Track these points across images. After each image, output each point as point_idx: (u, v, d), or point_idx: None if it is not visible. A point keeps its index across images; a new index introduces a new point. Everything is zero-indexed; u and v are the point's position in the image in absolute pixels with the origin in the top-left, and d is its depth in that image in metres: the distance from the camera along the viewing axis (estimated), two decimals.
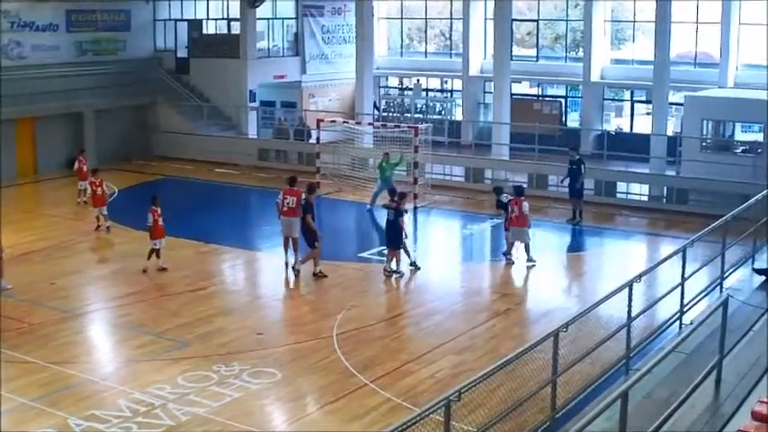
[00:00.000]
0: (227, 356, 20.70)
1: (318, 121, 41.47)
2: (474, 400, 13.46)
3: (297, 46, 53.23)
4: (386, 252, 27.82)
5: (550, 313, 22.97)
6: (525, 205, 28.11)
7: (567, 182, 34.78)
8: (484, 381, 13.28)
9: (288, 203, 27.46)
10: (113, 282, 27.56)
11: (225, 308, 24.87)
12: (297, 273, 26.98)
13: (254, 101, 50.50)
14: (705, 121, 39.04)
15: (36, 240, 31.06)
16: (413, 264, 27.74)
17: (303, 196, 27.27)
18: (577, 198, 34.34)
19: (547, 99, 50.87)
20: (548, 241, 33.26)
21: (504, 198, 29.33)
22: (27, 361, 20.56)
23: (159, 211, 28.28)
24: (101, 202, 33.00)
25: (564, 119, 49.66)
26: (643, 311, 18.54)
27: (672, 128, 43.39)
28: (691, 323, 16.41)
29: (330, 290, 26.40)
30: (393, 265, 27.21)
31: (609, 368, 17.25)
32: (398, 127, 40.98)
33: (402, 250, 27.52)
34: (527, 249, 28.26)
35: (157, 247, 28.05)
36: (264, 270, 29.43)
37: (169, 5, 53.41)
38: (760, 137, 38.03)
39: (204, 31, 53.69)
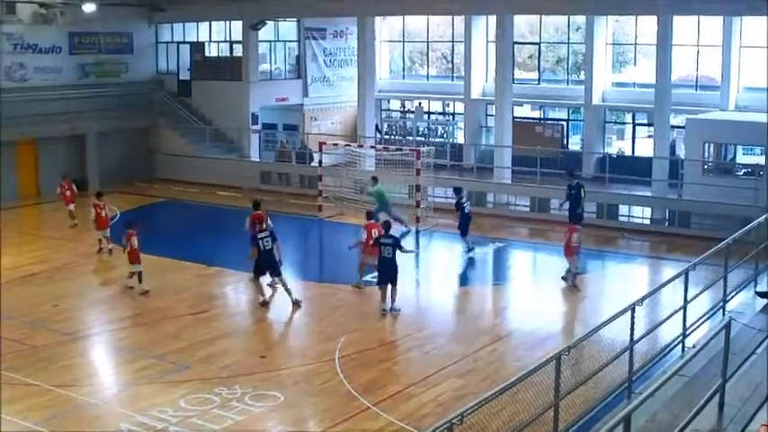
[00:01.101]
0: (228, 379, 20.68)
1: (321, 143, 41.50)
2: (477, 423, 13.41)
3: (299, 69, 53.33)
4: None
5: (552, 336, 22.96)
6: (574, 237, 28.34)
7: (566, 206, 34.74)
8: (486, 404, 13.26)
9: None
10: (115, 304, 27.54)
11: (226, 331, 24.85)
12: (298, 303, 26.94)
13: (257, 123, 50.57)
14: (706, 144, 39.05)
15: (37, 262, 31.06)
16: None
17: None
18: (577, 223, 34.05)
19: (548, 122, 50.90)
20: (550, 264, 33.26)
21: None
22: (28, 383, 20.54)
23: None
24: (103, 225, 33.00)
25: (566, 142, 49.68)
26: (645, 335, 18.49)
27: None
28: (693, 346, 16.42)
29: (332, 313, 26.39)
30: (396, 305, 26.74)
31: (611, 391, 17.21)
32: (400, 150, 41.12)
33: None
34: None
35: (138, 270, 28.09)
36: (267, 293, 29.41)
37: (171, 28, 53.59)
38: (761, 159, 38.07)
39: (206, 54, 53.86)
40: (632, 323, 16.91)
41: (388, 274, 26.24)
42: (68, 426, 18.21)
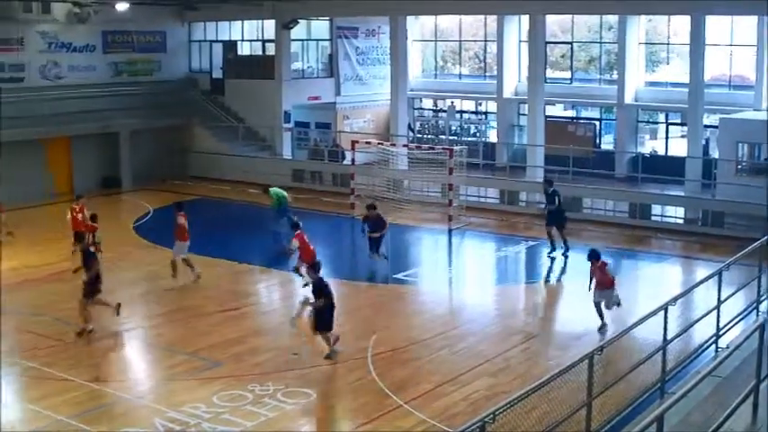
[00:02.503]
0: (261, 376, 20.74)
1: (353, 142, 41.51)
2: (509, 422, 13.39)
3: (331, 67, 53.43)
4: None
5: (585, 336, 22.90)
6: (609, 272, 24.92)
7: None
8: (518, 403, 13.25)
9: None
10: (146, 301, 27.68)
11: (259, 328, 24.93)
12: None
13: (289, 122, 50.69)
14: (740, 144, 38.83)
15: (68, 260, 31.13)
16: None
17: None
18: (561, 223, 33.02)
19: (581, 121, 50.74)
20: (582, 263, 33.15)
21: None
22: (62, 379, 20.67)
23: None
24: (79, 228, 31.69)
25: (598, 141, 49.52)
26: (678, 335, 18.45)
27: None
28: (727, 347, 16.33)
29: (364, 311, 26.44)
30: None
31: (644, 391, 17.18)
32: (433, 149, 41.09)
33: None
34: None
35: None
36: (299, 290, 29.45)
37: (204, 27, 53.78)
38: None
39: (239, 53, 54.08)
40: (665, 323, 16.88)
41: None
42: (101, 421, 18.32)
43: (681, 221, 37.85)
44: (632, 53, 46.70)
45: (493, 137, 52.39)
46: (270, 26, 51.32)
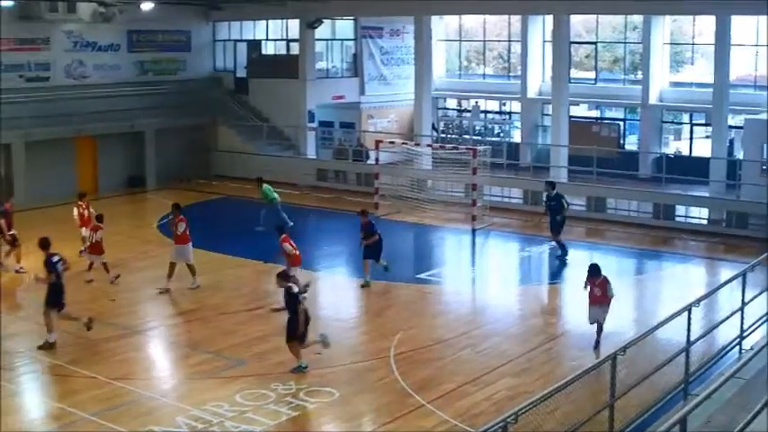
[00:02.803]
0: (284, 375, 20.78)
1: (377, 142, 41.56)
2: (531, 422, 13.41)
3: (355, 67, 53.49)
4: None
5: (607, 337, 22.81)
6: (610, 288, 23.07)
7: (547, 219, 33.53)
8: (541, 403, 13.27)
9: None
10: (171, 300, 27.76)
11: (282, 327, 24.91)
12: None
13: (313, 121, 50.77)
14: (765, 145, 38.65)
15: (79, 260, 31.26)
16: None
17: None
18: (557, 233, 32.81)
19: (605, 122, 50.65)
20: (605, 264, 33.11)
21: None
22: (87, 376, 20.79)
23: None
24: (86, 224, 32.10)
25: (622, 142, 49.42)
26: (702, 336, 18.42)
27: None
28: (751, 348, 16.35)
29: (387, 310, 26.47)
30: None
31: (667, 393, 17.15)
32: (457, 149, 41.10)
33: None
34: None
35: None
36: (323, 290, 29.49)
37: (229, 26, 53.94)
38: None
39: (263, 52, 54.18)
40: (689, 324, 16.86)
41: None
42: (125, 418, 18.39)
43: (705, 222, 37.67)
44: (657, 53, 46.63)
45: (517, 137, 52.36)
46: (294, 25, 51.44)
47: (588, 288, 22.99)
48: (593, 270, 23.14)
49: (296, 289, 21.48)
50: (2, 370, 20.80)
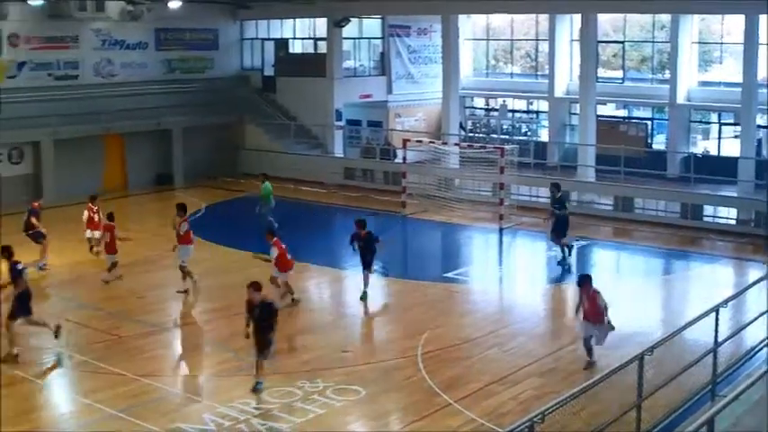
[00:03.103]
0: (311, 373, 20.83)
1: (404, 140, 41.59)
2: (557, 422, 13.41)
3: (383, 65, 53.51)
4: None
5: (635, 337, 22.75)
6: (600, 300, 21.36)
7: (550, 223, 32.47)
8: (567, 403, 13.26)
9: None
10: (198, 297, 27.88)
11: (309, 325, 25.03)
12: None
13: (341, 120, 50.81)
14: None
15: (123, 255, 31.41)
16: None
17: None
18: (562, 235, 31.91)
19: (633, 121, 50.50)
20: (633, 264, 33.12)
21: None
22: (115, 373, 20.90)
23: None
24: (95, 227, 32.24)
25: (650, 141, 49.26)
26: (730, 337, 18.37)
27: None
28: None
29: (415, 309, 26.47)
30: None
31: (695, 394, 17.11)
32: (484, 148, 41.06)
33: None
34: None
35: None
36: (349, 289, 29.55)
37: (256, 25, 54.06)
38: None
39: (291, 51, 54.20)
40: (716, 325, 16.81)
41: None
42: (152, 415, 18.48)
43: (733, 222, 37.55)
44: (685, 52, 46.44)
45: (544, 136, 52.29)
46: (322, 24, 51.53)
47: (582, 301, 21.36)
48: (582, 280, 21.72)
49: (277, 305, 20.83)
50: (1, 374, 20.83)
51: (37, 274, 28.92)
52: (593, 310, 21.09)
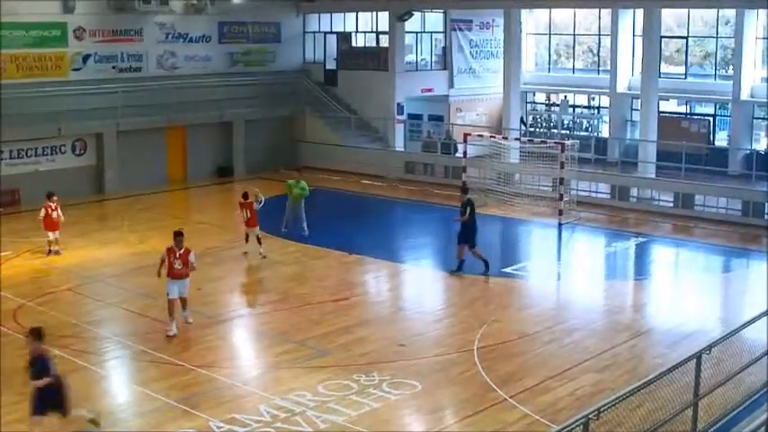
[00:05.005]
0: (367, 366, 20.88)
1: (465, 135, 41.50)
2: (613, 419, 13.38)
3: (444, 60, 53.47)
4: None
5: (693, 335, 22.65)
6: None
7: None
8: (623, 400, 13.22)
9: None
10: (257, 289, 28.17)
11: (366, 318, 25.06)
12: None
13: (402, 114, 50.82)
14: None
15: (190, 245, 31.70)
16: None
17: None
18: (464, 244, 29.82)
19: (695, 117, 50.15)
20: (692, 261, 32.89)
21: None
22: (172, 363, 21.10)
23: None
24: (53, 227, 31.19)
25: (712, 138, 48.90)
26: None
27: None
28: None
29: (473, 304, 26.44)
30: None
31: (753, 393, 16.99)
32: (545, 143, 40.90)
33: None
34: None
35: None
36: (408, 282, 29.62)
37: (319, 18, 54.14)
38: None
39: (353, 44, 54.31)
40: None
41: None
42: (208, 405, 18.60)
43: None
44: (749, 48, 46.07)
45: (605, 131, 52.04)
46: (384, 18, 51.50)
47: None
48: None
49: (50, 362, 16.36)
50: (88, 354, 21.09)
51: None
52: None
